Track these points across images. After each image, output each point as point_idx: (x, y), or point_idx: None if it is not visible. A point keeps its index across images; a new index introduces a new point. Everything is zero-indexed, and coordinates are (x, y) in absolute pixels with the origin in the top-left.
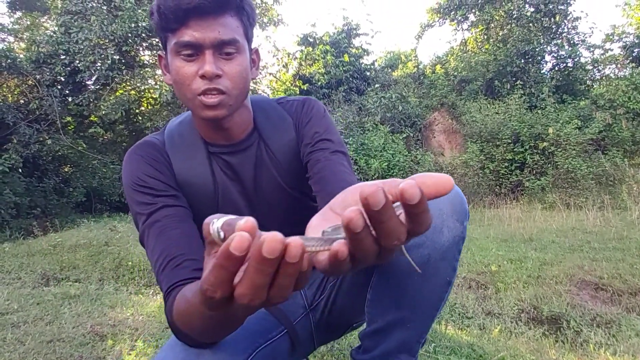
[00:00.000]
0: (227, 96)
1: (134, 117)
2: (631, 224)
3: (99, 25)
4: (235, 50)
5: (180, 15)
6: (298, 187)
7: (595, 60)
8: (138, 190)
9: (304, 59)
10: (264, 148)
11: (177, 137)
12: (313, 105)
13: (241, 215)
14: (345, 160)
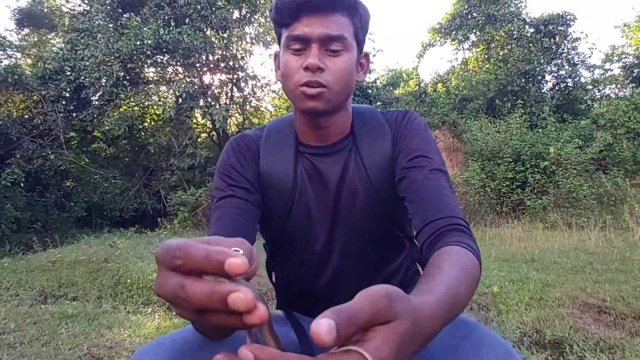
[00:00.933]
0: (328, 90)
1: (137, 132)
2: (634, 245)
3: (105, 43)
4: (341, 47)
5: (293, 9)
6: (384, 207)
7: (595, 80)
8: (219, 176)
9: None
10: (355, 155)
11: (273, 132)
12: (414, 118)
13: (311, 221)
14: (445, 180)
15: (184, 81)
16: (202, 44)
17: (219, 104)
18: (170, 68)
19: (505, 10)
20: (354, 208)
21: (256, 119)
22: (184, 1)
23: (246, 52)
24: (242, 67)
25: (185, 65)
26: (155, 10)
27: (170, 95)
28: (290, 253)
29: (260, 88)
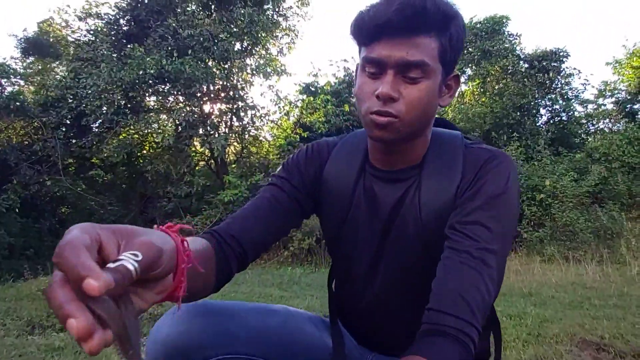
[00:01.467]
0: (399, 120)
1: (136, 159)
2: (631, 280)
3: (108, 72)
4: (421, 74)
5: (372, 30)
6: (430, 251)
7: (589, 115)
8: (282, 166)
9: (305, 107)
10: (416, 189)
11: (347, 144)
12: (501, 167)
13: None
14: (492, 267)
15: (184, 110)
16: (204, 74)
17: (218, 132)
18: (171, 97)
19: (500, 46)
20: (401, 241)
21: (254, 148)
22: (187, 33)
23: (246, 83)
24: (242, 97)
25: (186, 95)
26: (159, 41)
27: (170, 123)
28: (340, 266)
29: (260, 118)
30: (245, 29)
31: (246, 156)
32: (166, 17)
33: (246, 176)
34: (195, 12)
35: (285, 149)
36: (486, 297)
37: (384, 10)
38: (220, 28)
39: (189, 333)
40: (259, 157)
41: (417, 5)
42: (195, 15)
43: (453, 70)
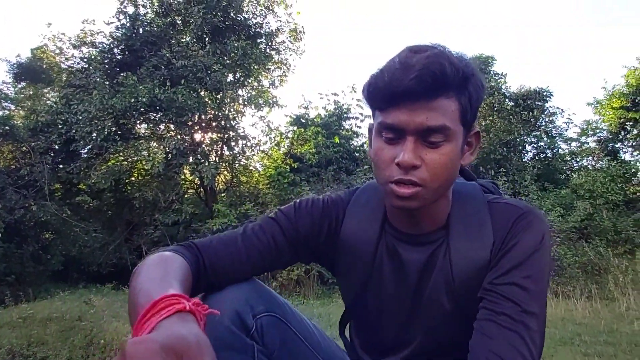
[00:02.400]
0: (423, 188)
1: (124, 186)
2: (620, 316)
3: (100, 99)
4: (443, 138)
5: (388, 97)
6: (465, 313)
7: (573, 152)
8: (296, 207)
9: (295, 138)
10: (445, 252)
11: (363, 202)
12: (532, 226)
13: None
14: (533, 329)
15: (175, 138)
16: (196, 103)
17: (208, 161)
18: (162, 125)
19: (487, 85)
20: (433, 307)
21: (245, 177)
22: (180, 64)
23: (238, 113)
24: (233, 127)
25: (178, 123)
26: (152, 70)
27: (160, 151)
28: (363, 329)
29: (250, 148)
30: (239, 62)
31: (236, 185)
32: (160, 47)
33: (235, 205)
34: (190, 43)
35: (275, 178)
36: (531, 356)
37: (400, 78)
38: (213, 60)
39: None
40: (249, 186)
41: (437, 71)
42: (189, 46)
43: (472, 127)
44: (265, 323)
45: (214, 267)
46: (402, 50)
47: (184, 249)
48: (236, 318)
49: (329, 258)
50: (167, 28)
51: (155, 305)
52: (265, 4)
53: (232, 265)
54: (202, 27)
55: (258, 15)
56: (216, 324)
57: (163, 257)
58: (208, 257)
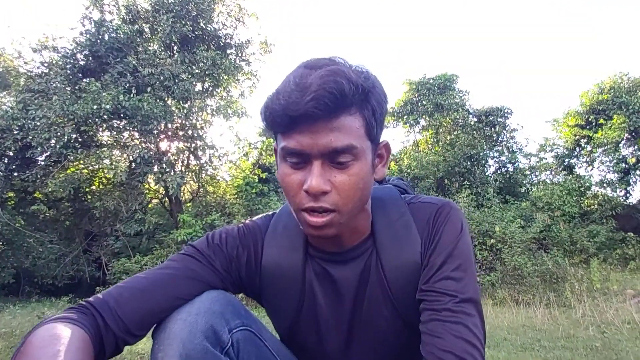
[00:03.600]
0: (337, 214)
1: (83, 195)
2: (577, 323)
3: (60, 105)
4: (351, 158)
5: (286, 121)
6: (406, 320)
7: (532, 167)
8: (208, 239)
9: (264, 149)
10: (376, 261)
11: (281, 228)
12: (450, 217)
13: (322, 331)
14: (476, 317)
15: (139, 146)
16: (162, 112)
17: (174, 170)
18: (126, 133)
19: (451, 101)
20: (374, 320)
21: (211, 187)
22: (147, 71)
23: (206, 123)
24: (200, 136)
25: (142, 131)
26: (117, 77)
27: (124, 159)
28: (302, 355)
29: (218, 157)
30: (208, 71)
31: (202, 195)
32: (126, 54)
33: (202, 215)
34: (157, 51)
35: (243, 189)
36: (478, 345)
37: (297, 101)
38: (181, 68)
39: (214, 311)
40: (216, 196)
41: (334, 90)
42: (157, 54)
43: (379, 140)
44: (241, 338)
45: (118, 323)
46: (297, 68)
47: (78, 314)
48: (210, 333)
49: (253, 290)
50: (134, 35)
51: None
52: (236, 15)
53: (143, 309)
54: (170, 35)
55: (228, 26)
56: (188, 339)
57: (54, 332)
58: (109, 314)
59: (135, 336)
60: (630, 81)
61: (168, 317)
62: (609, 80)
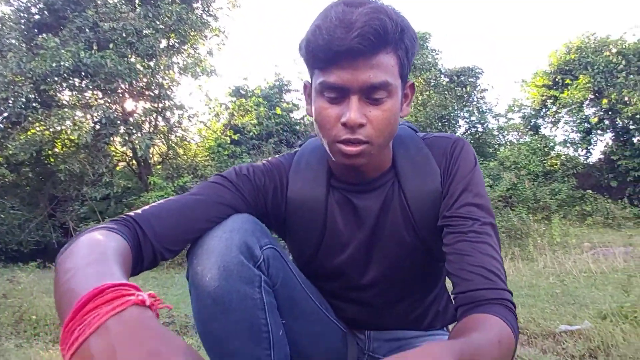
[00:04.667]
0: (369, 145)
1: (46, 158)
2: (539, 273)
3: (17, 63)
4: (385, 94)
5: (329, 56)
6: (427, 244)
7: (501, 127)
8: (235, 170)
9: (236, 109)
10: (399, 192)
11: (304, 164)
12: (465, 151)
13: (344, 257)
14: (493, 237)
15: (103, 106)
16: (127, 69)
17: (141, 132)
18: (88, 92)
19: (424, 60)
20: (394, 244)
21: (182, 150)
22: (108, 26)
23: (173, 82)
24: (168, 96)
25: (106, 91)
26: (76, 33)
27: (87, 120)
28: (322, 284)
29: (188, 118)
30: (173, 27)
31: (172, 157)
32: (85, 7)
33: (172, 178)
34: (118, 5)
35: (215, 150)
36: (500, 260)
37: (342, 36)
38: (145, 23)
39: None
40: (187, 158)
41: (379, 27)
42: (117, 8)
43: (407, 80)
44: (270, 255)
45: (157, 236)
46: (334, 4)
47: (119, 225)
48: (244, 248)
49: (277, 220)
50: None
51: (102, 294)
52: None
53: (178, 227)
54: None
55: None
56: (225, 253)
57: (96, 237)
58: (149, 227)
59: (171, 251)
60: (596, 41)
61: (203, 236)
62: (576, 40)
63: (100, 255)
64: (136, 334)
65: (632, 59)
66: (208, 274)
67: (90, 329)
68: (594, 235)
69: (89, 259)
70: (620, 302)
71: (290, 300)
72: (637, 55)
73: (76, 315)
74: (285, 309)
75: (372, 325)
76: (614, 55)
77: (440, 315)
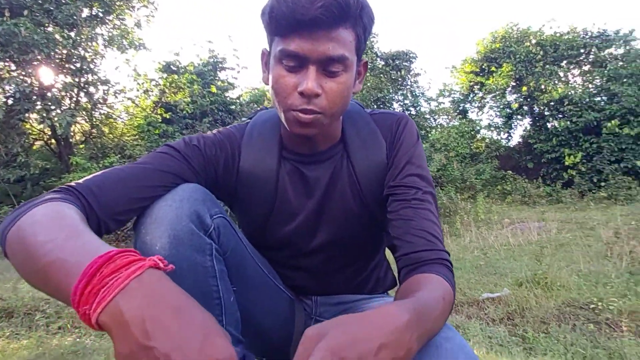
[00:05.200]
0: (323, 116)
1: None
2: (465, 248)
3: None
4: (342, 68)
5: (292, 24)
6: (372, 213)
7: (432, 111)
8: (185, 140)
9: (168, 86)
10: (347, 164)
11: (256, 135)
12: (409, 126)
13: (293, 225)
14: (433, 204)
15: (17, 79)
16: (44, 39)
17: (61, 108)
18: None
19: None
20: (341, 213)
21: (107, 128)
22: None
23: (97, 54)
24: (91, 69)
25: (20, 62)
26: None
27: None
28: (271, 253)
29: (114, 94)
30: None
31: (97, 136)
32: None
33: (97, 158)
34: None
35: (145, 129)
36: (439, 225)
37: (307, 6)
38: None
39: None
40: (113, 137)
41: (342, 1)
42: None
43: (361, 57)
44: (220, 224)
45: (101, 206)
46: None
47: (64, 195)
48: (195, 217)
49: (228, 190)
50: None
51: (112, 260)
52: None
53: (124, 197)
54: None
55: None
56: (175, 222)
57: (54, 208)
58: (92, 197)
59: (117, 222)
60: (518, 31)
61: (150, 205)
62: (501, 30)
63: (74, 226)
64: (158, 293)
65: (548, 49)
66: (157, 243)
67: (115, 290)
68: (513, 212)
69: (65, 231)
70: (533, 270)
71: (240, 268)
72: (553, 47)
73: (92, 279)
74: (235, 277)
75: (319, 291)
76: (533, 46)
77: (381, 280)
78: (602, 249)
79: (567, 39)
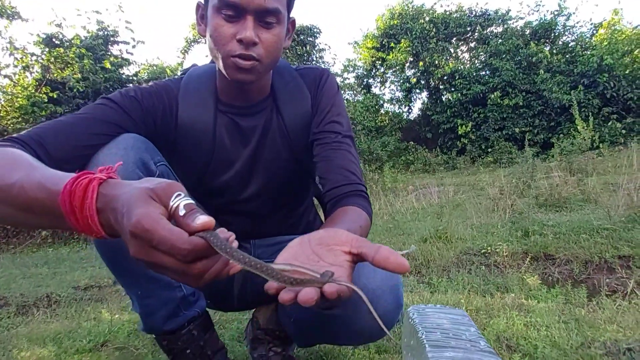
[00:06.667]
0: (260, 64)
1: None
2: (375, 215)
3: None
4: (275, 20)
5: None
6: (300, 160)
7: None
8: (121, 92)
9: (52, 61)
10: (276, 116)
11: (192, 89)
12: (330, 79)
13: (231, 172)
14: (353, 147)
15: None
16: None
17: None
18: None
19: None
20: (273, 160)
21: None
22: None
23: None
24: None
25: None
26: None
27: None
28: (209, 201)
29: None
30: None
31: None
32: None
33: None
34: None
35: (29, 110)
36: (358, 163)
37: None
38: None
39: None
40: None
41: None
42: None
43: (290, 15)
44: (164, 171)
45: (47, 154)
46: None
47: (12, 144)
48: (140, 164)
49: (166, 143)
50: None
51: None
52: None
53: (67, 145)
54: None
55: None
56: (122, 168)
57: (10, 150)
58: (38, 146)
59: (64, 170)
60: (413, 9)
61: (96, 154)
62: (398, 7)
63: (31, 161)
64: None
65: (440, 27)
66: None
67: (94, 194)
68: (416, 180)
69: (27, 166)
70: (435, 227)
71: None
72: (444, 25)
73: (75, 190)
74: None
75: (256, 234)
76: (427, 23)
77: (310, 224)
78: (490, 204)
79: (455, 17)
